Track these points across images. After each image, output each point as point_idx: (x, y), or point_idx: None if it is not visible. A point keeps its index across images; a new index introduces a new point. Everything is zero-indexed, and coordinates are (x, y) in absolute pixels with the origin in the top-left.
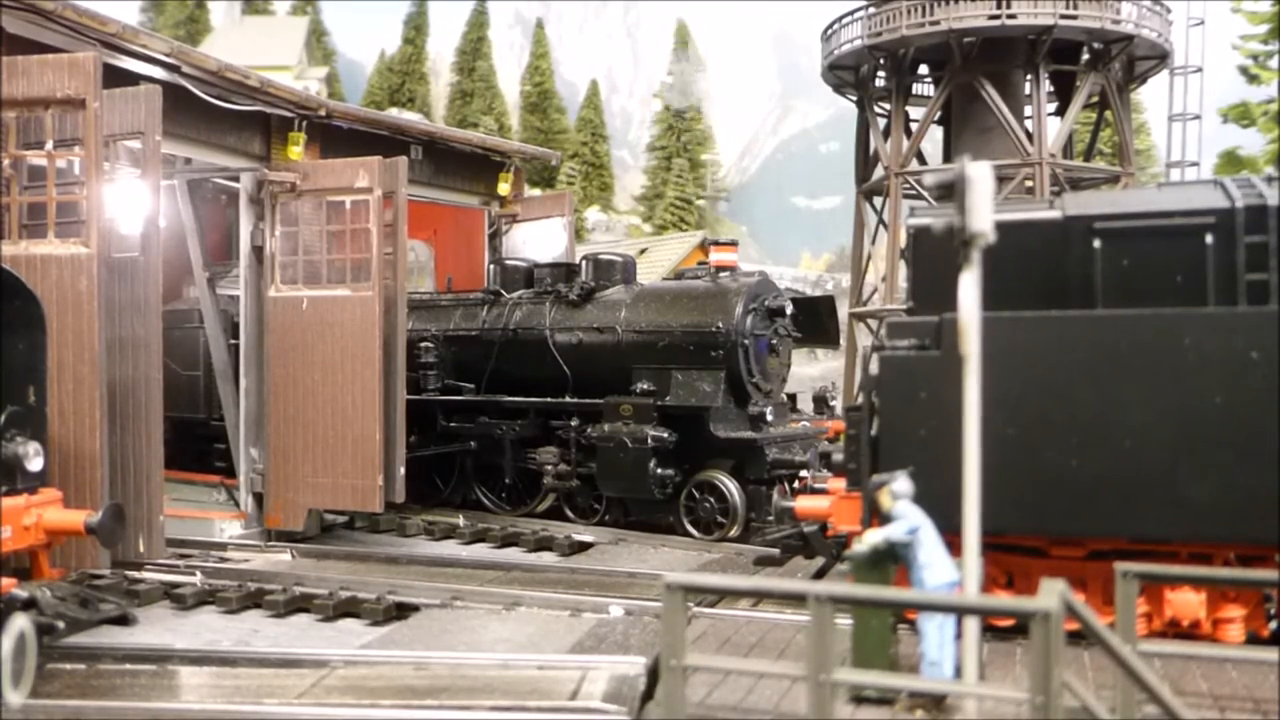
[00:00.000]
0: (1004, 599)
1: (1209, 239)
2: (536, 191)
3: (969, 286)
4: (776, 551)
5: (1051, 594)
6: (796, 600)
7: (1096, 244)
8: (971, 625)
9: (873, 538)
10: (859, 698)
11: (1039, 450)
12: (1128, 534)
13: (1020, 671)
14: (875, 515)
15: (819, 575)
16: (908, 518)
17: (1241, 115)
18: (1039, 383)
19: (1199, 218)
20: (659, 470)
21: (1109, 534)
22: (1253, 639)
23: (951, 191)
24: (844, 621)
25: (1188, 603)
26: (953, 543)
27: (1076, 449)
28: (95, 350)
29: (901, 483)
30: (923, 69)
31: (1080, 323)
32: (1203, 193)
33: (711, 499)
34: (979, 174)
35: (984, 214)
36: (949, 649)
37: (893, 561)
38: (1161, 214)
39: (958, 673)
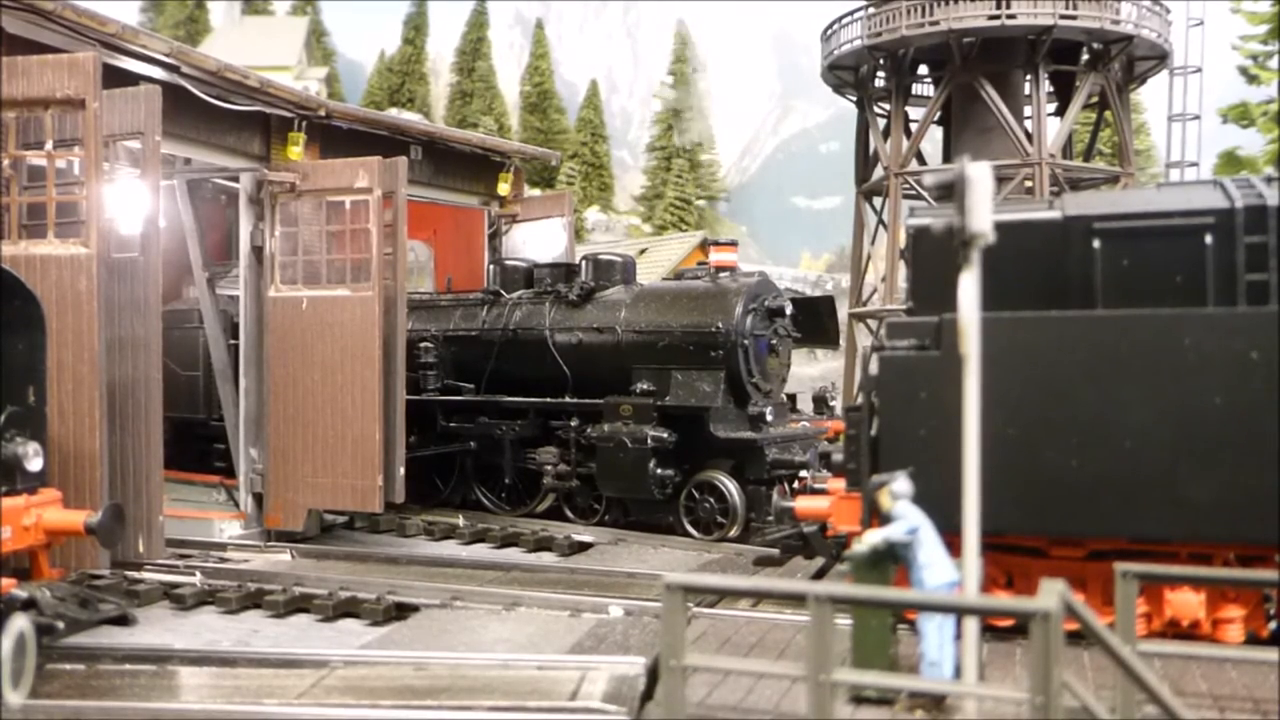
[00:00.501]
0: (1004, 599)
1: (1209, 239)
2: (536, 192)
3: (969, 287)
4: (776, 552)
5: (1051, 594)
6: (796, 600)
7: (1096, 244)
8: (971, 625)
9: (872, 538)
10: (859, 698)
11: (1039, 450)
12: (1127, 534)
13: (1020, 672)
14: (875, 515)
15: (818, 575)
16: (907, 518)
17: (1241, 115)
18: (1039, 383)
19: (1199, 218)
20: (659, 470)
21: (1109, 534)
22: (1252, 639)
23: (951, 192)
24: (844, 622)
25: (1187, 603)
26: (952, 543)
27: (1076, 449)
28: (95, 350)
29: (901, 483)
30: (923, 69)
31: (1080, 323)
32: (1202, 193)
33: (711, 499)
34: (979, 174)
35: (984, 214)
36: (949, 649)
37: (892, 562)
38: (1161, 214)
39: (957, 673)
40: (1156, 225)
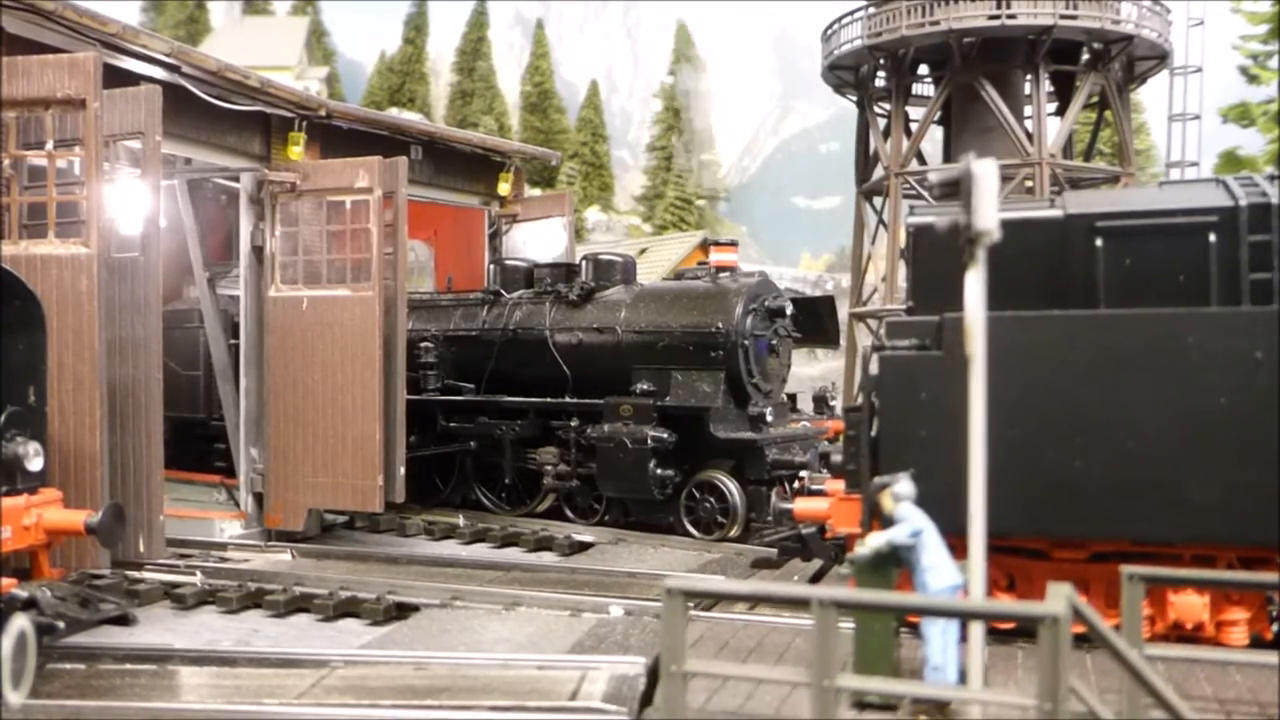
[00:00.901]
0: (1011, 603)
1: (1212, 238)
2: (536, 191)
3: (974, 286)
4: (775, 553)
5: (1059, 598)
6: (795, 604)
7: (1099, 243)
8: (976, 630)
9: (876, 540)
10: (862, 703)
11: (1041, 452)
12: (1131, 536)
13: (1023, 675)
14: (876, 517)
15: (816, 578)
16: (911, 520)
17: (1241, 115)
18: (1041, 383)
19: (1202, 216)
20: (659, 470)
21: (1112, 536)
22: (1256, 641)
23: (956, 190)
24: (845, 625)
25: (1191, 605)
26: (952, 545)
27: (1079, 450)
28: (95, 350)
29: (904, 485)
30: (923, 69)
31: (1082, 322)
32: (1206, 191)
33: (711, 499)
34: (985, 171)
35: (990, 212)
36: (952, 653)
37: (895, 565)
38: (1164, 213)
39: (962, 677)
40: (1159, 224)
